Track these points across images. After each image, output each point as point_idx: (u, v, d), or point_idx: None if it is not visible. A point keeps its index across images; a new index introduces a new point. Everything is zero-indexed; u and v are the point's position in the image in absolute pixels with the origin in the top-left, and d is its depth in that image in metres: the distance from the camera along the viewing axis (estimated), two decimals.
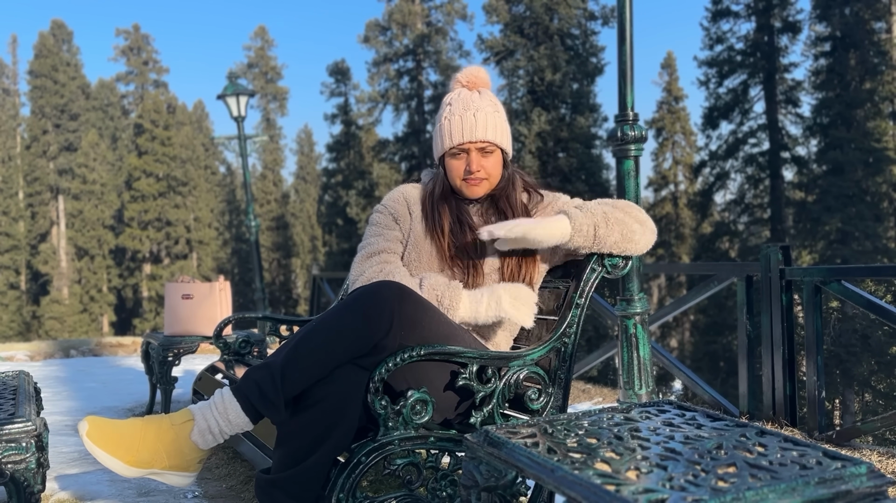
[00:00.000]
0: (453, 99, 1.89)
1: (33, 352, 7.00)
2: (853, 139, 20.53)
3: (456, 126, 1.84)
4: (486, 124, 1.84)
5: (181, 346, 3.50)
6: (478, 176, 1.85)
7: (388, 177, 25.59)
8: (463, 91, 1.90)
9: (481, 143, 1.84)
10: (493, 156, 1.87)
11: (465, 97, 1.88)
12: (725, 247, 24.02)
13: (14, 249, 32.85)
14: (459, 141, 1.84)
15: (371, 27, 26.94)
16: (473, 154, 1.84)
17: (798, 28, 22.67)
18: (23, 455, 1.49)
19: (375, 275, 1.77)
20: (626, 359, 2.84)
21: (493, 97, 1.91)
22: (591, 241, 1.73)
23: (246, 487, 2.45)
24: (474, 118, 1.84)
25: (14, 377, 2.10)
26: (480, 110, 1.85)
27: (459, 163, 1.86)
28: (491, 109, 1.86)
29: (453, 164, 1.87)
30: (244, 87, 10.03)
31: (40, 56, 34.23)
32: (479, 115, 1.84)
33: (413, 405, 1.51)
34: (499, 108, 1.90)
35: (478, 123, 1.83)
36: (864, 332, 13.75)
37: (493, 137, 1.85)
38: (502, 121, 1.88)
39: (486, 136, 1.84)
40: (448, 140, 1.86)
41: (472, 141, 1.83)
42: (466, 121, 1.84)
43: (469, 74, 1.91)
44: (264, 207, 37.20)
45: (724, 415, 1.21)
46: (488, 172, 1.86)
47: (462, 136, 1.83)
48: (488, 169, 1.86)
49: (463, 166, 1.85)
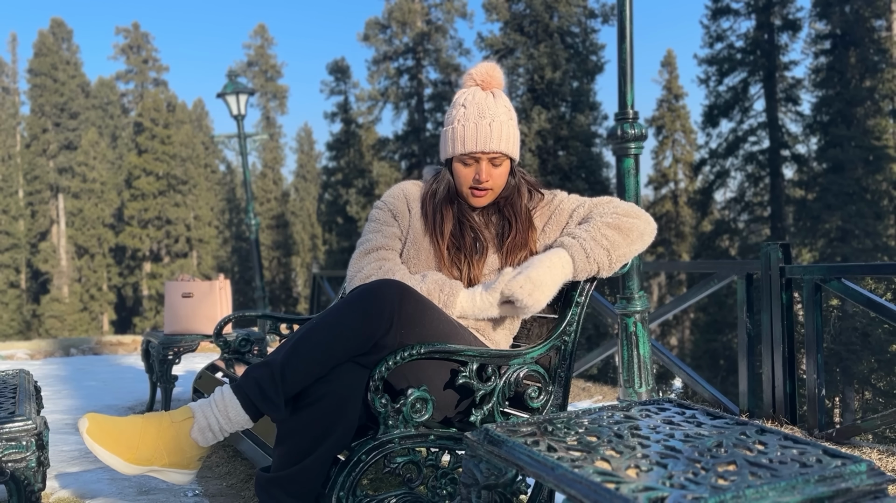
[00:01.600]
0: (468, 100, 1.85)
1: (33, 350, 7.00)
2: (853, 137, 20.53)
3: (470, 133, 1.81)
4: (501, 135, 1.81)
5: (181, 345, 3.50)
6: (485, 186, 1.83)
7: (388, 175, 25.59)
8: (477, 92, 1.86)
9: (493, 154, 1.82)
10: (503, 166, 1.85)
11: (480, 101, 1.84)
12: (725, 245, 24.02)
13: (14, 248, 32.85)
14: (472, 150, 1.81)
15: (371, 25, 26.91)
16: (484, 164, 1.82)
17: (798, 26, 22.66)
18: (23, 453, 1.50)
19: (373, 272, 1.76)
20: (626, 357, 2.84)
21: (506, 101, 1.88)
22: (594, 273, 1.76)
23: (246, 485, 2.45)
24: (489, 128, 1.80)
25: (14, 376, 2.10)
26: (496, 119, 1.82)
27: (469, 171, 1.84)
28: (506, 117, 1.84)
29: (462, 172, 1.84)
30: (244, 85, 10.03)
31: (40, 54, 34.21)
32: (495, 126, 1.81)
33: (413, 403, 1.51)
34: (512, 115, 1.87)
35: (493, 134, 1.81)
36: (865, 330, 13.75)
37: (506, 149, 1.83)
38: (514, 128, 1.86)
39: (500, 147, 1.81)
40: (460, 146, 1.83)
41: (486, 152, 1.81)
42: (482, 130, 1.81)
43: (484, 73, 1.87)
44: (264, 206, 37.20)
45: (724, 414, 1.21)
46: (495, 183, 1.84)
47: (476, 145, 1.81)
48: (496, 179, 1.84)
49: (472, 175, 1.83)
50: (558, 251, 1.74)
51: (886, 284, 14.26)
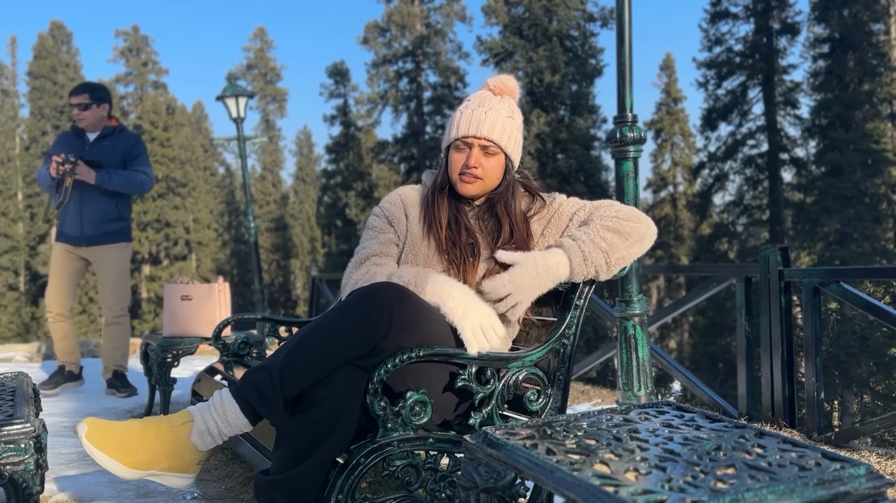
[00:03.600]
0: (473, 96, 1.90)
1: (32, 353, 6.99)
2: (852, 140, 20.56)
3: (465, 118, 1.84)
4: (495, 124, 1.83)
5: (180, 347, 3.50)
6: (474, 173, 1.82)
7: (388, 178, 25.61)
8: (487, 93, 1.91)
9: (485, 142, 1.83)
10: (495, 158, 1.85)
11: (485, 97, 1.88)
12: (724, 248, 24.05)
13: (13, 250, 32.83)
14: (465, 133, 1.83)
15: (370, 28, 26.94)
16: (475, 150, 1.83)
17: (797, 30, 22.72)
18: (21, 456, 1.49)
19: (361, 279, 1.76)
20: (624, 360, 2.84)
21: (512, 104, 1.90)
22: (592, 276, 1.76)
23: (245, 489, 2.45)
24: (485, 115, 1.83)
25: (13, 378, 2.10)
26: (493, 110, 1.84)
27: (461, 156, 1.85)
28: (505, 114, 1.85)
29: (455, 157, 1.86)
30: (243, 88, 10.03)
31: (39, 57, 34.23)
32: (491, 114, 1.83)
33: (412, 406, 1.51)
34: (514, 115, 1.88)
35: (486, 120, 1.83)
36: (863, 334, 13.77)
37: (498, 139, 1.83)
38: (513, 128, 1.87)
39: (492, 134, 1.82)
40: (455, 130, 1.86)
41: (477, 136, 1.82)
42: (476, 115, 1.83)
43: (498, 81, 1.92)
44: (263, 209, 37.19)
45: (723, 417, 1.21)
46: (485, 173, 1.84)
47: (468, 128, 1.83)
48: (486, 169, 1.84)
49: (463, 160, 1.84)
50: (554, 252, 1.74)
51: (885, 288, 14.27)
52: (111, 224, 4.25)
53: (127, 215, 4.35)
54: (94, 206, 4.20)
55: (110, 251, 4.27)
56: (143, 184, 4.24)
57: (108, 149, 4.24)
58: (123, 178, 4.16)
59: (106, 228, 4.24)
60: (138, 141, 4.37)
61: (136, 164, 4.24)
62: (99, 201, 4.20)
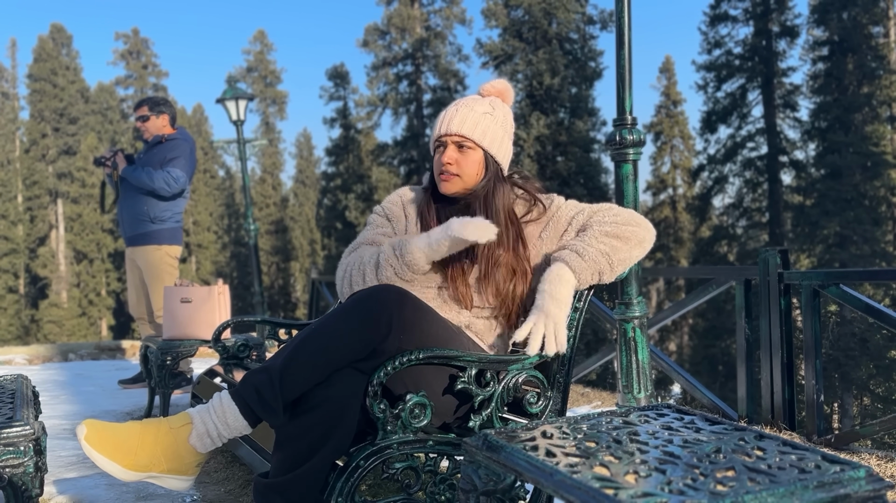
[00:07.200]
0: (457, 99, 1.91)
1: (32, 355, 6.99)
2: (851, 143, 20.58)
3: (440, 119, 1.85)
4: (465, 119, 1.81)
5: (180, 350, 3.49)
6: (448, 170, 1.80)
7: (387, 180, 25.62)
8: (471, 95, 1.91)
9: (457, 138, 1.81)
10: (471, 154, 1.81)
11: (467, 98, 1.88)
12: (724, 250, 24.06)
13: (13, 253, 32.82)
14: (438, 133, 1.84)
15: (370, 31, 26.98)
16: (449, 147, 1.82)
17: (796, 32, 22.75)
18: (21, 459, 1.49)
19: (351, 263, 1.77)
20: (624, 362, 2.84)
21: (495, 102, 1.87)
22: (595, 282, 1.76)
23: (244, 491, 2.45)
24: (456, 112, 1.83)
25: (12, 381, 2.10)
26: (467, 107, 1.83)
27: (438, 156, 1.85)
28: (481, 110, 1.83)
29: (435, 158, 1.87)
30: (243, 90, 10.03)
31: (39, 60, 34.25)
32: (463, 110, 1.82)
33: (412, 409, 1.51)
34: (494, 113, 1.84)
35: (456, 116, 1.82)
36: (863, 336, 13.77)
37: (470, 133, 1.80)
38: (490, 123, 1.82)
39: (462, 129, 1.80)
40: (434, 133, 1.87)
41: (449, 133, 1.81)
42: (448, 114, 1.84)
43: (489, 84, 1.91)
44: (263, 211, 37.19)
45: (723, 419, 1.21)
46: (461, 169, 1.81)
47: (441, 128, 1.84)
48: (462, 166, 1.81)
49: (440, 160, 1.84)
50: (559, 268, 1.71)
51: (885, 290, 14.27)
52: (143, 225, 4.33)
53: (160, 217, 4.36)
54: (130, 207, 4.33)
55: (144, 253, 4.35)
56: (164, 182, 4.23)
57: (153, 154, 4.35)
58: (146, 175, 4.22)
59: (139, 229, 4.33)
60: (178, 145, 4.39)
61: (168, 167, 4.29)
62: (133, 202, 4.31)
